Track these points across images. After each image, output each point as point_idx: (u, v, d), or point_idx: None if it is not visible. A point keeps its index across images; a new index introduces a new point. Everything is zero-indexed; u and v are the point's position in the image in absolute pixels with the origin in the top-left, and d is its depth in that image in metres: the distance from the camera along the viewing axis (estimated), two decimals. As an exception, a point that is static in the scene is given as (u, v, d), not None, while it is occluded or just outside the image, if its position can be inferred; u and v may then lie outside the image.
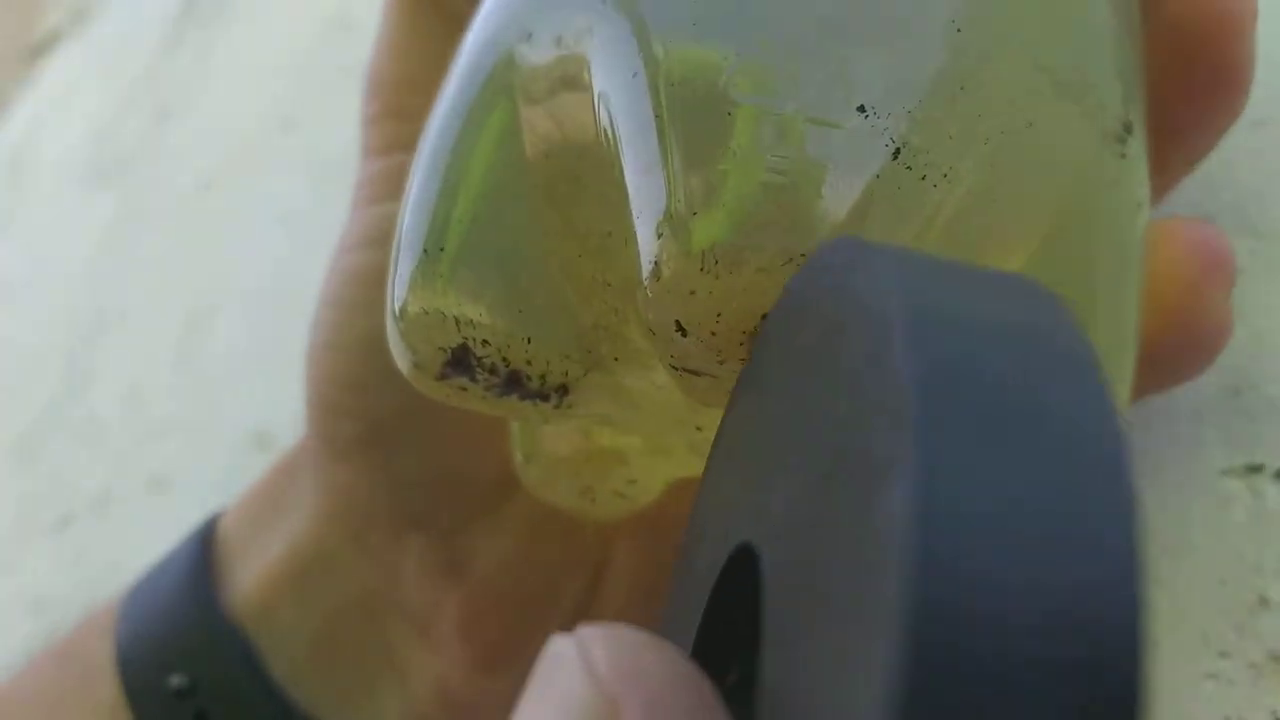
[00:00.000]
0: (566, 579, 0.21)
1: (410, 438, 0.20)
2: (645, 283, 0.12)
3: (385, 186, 0.20)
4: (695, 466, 0.17)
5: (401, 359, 0.15)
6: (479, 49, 0.15)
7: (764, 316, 0.12)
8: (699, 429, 0.15)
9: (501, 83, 0.14)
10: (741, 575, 0.11)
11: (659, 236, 0.12)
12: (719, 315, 0.12)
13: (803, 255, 0.12)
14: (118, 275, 0.52)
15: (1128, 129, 0.14)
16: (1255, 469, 0.18)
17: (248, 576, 0.22)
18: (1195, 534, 0.18)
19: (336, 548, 0.21)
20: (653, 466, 0.17)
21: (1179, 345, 0.15)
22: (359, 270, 0.20)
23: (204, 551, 0.23)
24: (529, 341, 0.14)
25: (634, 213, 0.12)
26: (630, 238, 0.12)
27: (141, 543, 0.32)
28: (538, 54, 0.14)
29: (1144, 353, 0.15)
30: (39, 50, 0.77)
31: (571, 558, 0.21)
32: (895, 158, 0.12)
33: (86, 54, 0.73)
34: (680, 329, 0.12)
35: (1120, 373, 0.14)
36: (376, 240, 0.20)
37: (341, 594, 0.22)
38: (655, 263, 0.12)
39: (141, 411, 0.44)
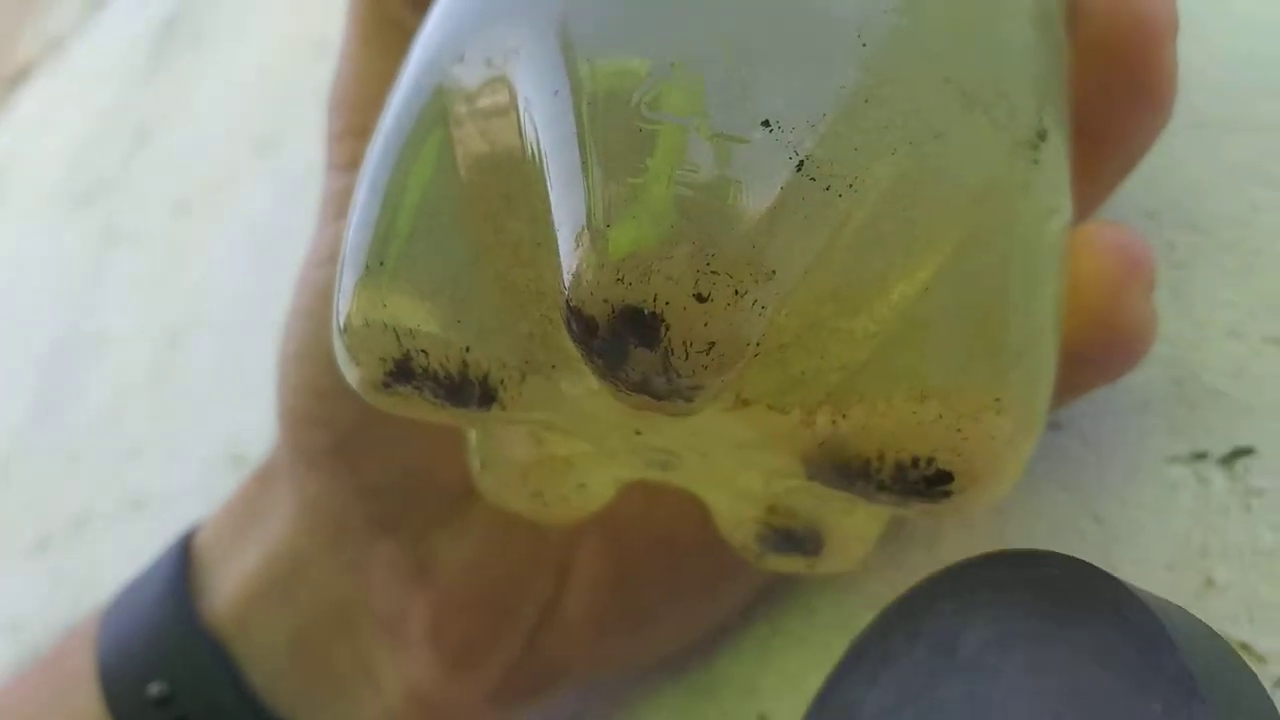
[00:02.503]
0: (532, 580, 0.21)
1: (377, 445, 0.21)
2: (565, 291, 0.13)
3: (347, 202, 0.20)
4: (641, 470, 0.17)
5: (348, 371, 0.15)
6: (418, 70, 0.15)
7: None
8: (638, 432, 0.16)
9: (439, 104, 0.15)
10: None
11: (577, 246, 0.12)
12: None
13: (709, 264, 0.12)
14: (96, 297, 0.53)
15: (1041, 136, 0.15)
16: (1200, 456, 0.19)
17: (225, 586, 0.22)
18: (1144, 520, 0.19)
19: (311, 556, 0.22)
20: (600, 470, 0.17)
21: (1105, 345, 0.16)
22: (326, 284, 0.20)
23: (182, 562, 0.23)
24: (468, 350, 0.14)
25: (556, 224, 0.13)
26: (556, 249, 0.13)
27: (119, 562, 0.33)
28: (469, 74, 0.15)
29: (1072, 354, 0.16)
30: (16, 79, 0.78)
31: (536, 559, 0.21)
32: (799, 170, 0.12)
33: (63, 82, 0.73)
34: (596, 334, 0.13)
35: (1037, 373, 0.15)
36: (339, 256, 0.20)
37: (316, 601, 0.22)
38: (574, 272, 0.12)
39: (118, 431, 0.44)
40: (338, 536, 0.21)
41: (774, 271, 0.12)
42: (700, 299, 0.12)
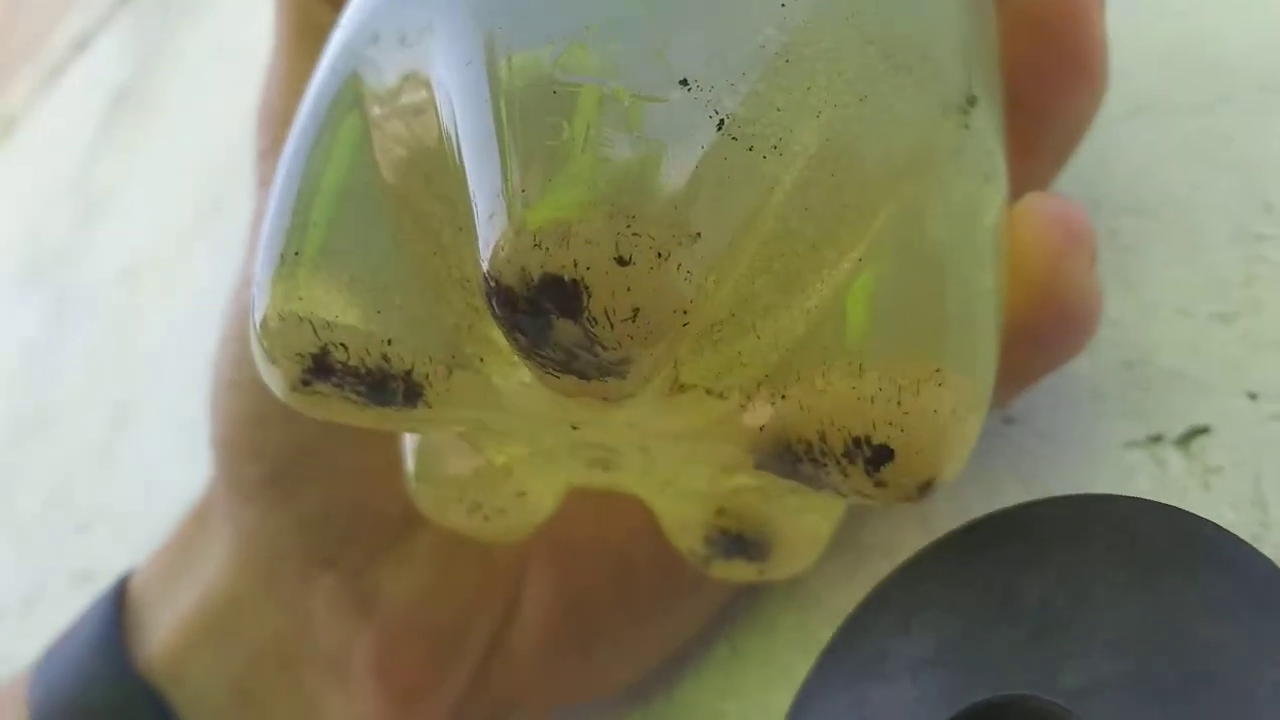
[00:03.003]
0: (479, 609, 0.20)
1: (314, 473, 0.20)
2: (483, 264, 0.12)
3: None
4: (583, 473, 0.16)
5: (266, 371, 0.15)
6: (333, 55, 0.15)
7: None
8: (574, 428, 0.15)
9: (354, 89, 0.14)
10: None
11: (492, 216, 0.12)
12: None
13: (629, 226, 0.12)
14: (46, 374, 0.52)
15: (971, 101, 0.14)
16: (1156, 439, 0.18)
17: (160, 630, 0.21)
18: (1104, 508, 0.18)
19: (248, 594, 0.21)
20: (540, 476, 0.17)
21: (1050, 319, 0.15)
22: None
23: (116, 609, 0.22)
24: (389, 343, 0.14)
25: (472, 196, 0.12)
26: (474, 229, 0.12)
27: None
28: (384, 55, 0.14)
29: (1019, 330, 0.15)
30: (-32, 162, 0.77)
31: (484, 587, 0.20)
32: (720, 129, 0.12)
33: (14, 157, 0.73)
34: (517, 309, 0.12)
35: (979, 344, 0.14)
36: None
37: (255, 642, 0.21)
38: (490, 243, 0.12)
39: (67, 507, 0.43)
40: (275, 572, 0.21)
41: (698, 234, 0.12)
42: (621, 262, 0.11)
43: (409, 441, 0.18)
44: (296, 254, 0.14)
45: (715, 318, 0.13)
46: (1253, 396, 0.17)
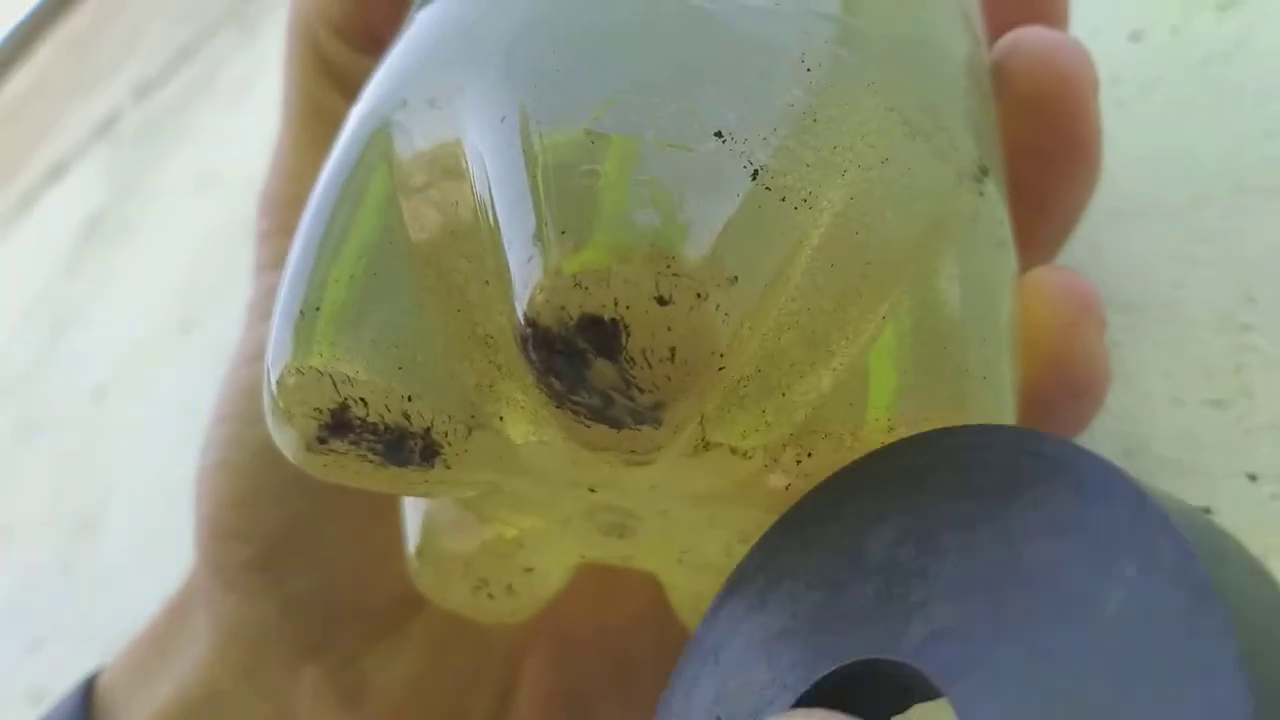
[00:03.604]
0: (472, 700, 0.19)
1: (303, 557, 0.19)
2: (519, 307, 0.12)
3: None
4: (595, 543, 0.16)
5: (279, 428, 0.14)
6: (358, 121, 0.15)
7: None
8: (592, 490, 0.15)
9: (379, 150, 0.15)
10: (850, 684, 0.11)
11: (529, 260, 0.12)
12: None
13: (669, 266, 0.12)
14: (5, 492, 0.50)
15: (983, 171, 0.15)
16: (1158, 522, 0.18)
17: (131, 731, 0.20)
18: (1110, 593, 0.18)
19: (228, 687, 0.20)
20: (551, 548, 0.16)
21: (1064, 386, 0.16)
22: (250, 383, 0.20)
23: (83, 708, 0.21)
24: (409, 400, 0.14)
25: (506, 243, 0.13)
26: (506, 279, 0.12)
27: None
28: (412, 118, 0.15)
29: (1031, 398, 0.16)
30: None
31: (478, 677, 0.19)
32: (754, 179, 0.12)
33: (-16, 286, 0.72)
34: (553, 350, 0.12)
35: (1000, 399, 0.14)
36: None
37: (234, 739, 0.20)
38: (529, 284, 0.12)
39: (18, 626, 0.42)
40: (258, 663, 0.20)
41: (735, 278, 0.12)
42: (661, 302, 0.12)
43: (411, 518, 0.17)
44: (317, 309, 0.14)
45: (743, 373, 0.13)
46: (1252, 478, 0.18)
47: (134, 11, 0.82)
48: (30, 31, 0.97)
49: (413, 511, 0.17)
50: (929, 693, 0.11)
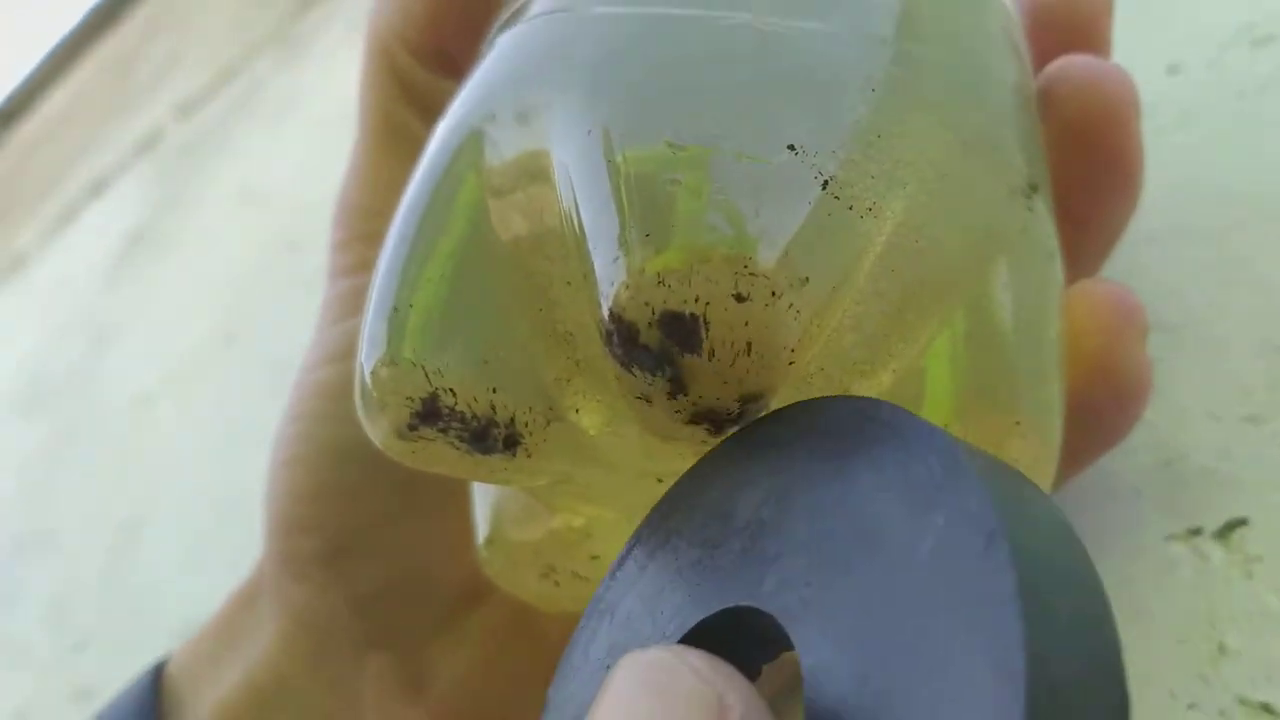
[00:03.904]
0: (533, 689, 0.20)
1: (371, 549, 0.20)
2: (605, 304, 0.13)
3: (352, 304, 0.21)
4: None
5: (370, 416, 0.15)
6: (449, 130, 0.16)
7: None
8: (660, 480, 0.16)
9: (468, 159, 0.16)
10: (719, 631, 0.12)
11: (615, 260, 0.13)
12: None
13: (747, 266, 0.13)
14: (48, 496, 0.51)
15: (1033, 188, 0.16)
16: (1195, 531, 0.19)
17: (201, 714, 0.21)
18: (1149, 599, 0.19)
19: (295, 676, 0.21)
20: (617, 535, 0.17)
21: (1108, 392, 0.17)
22: (325, 384, 0.20)
23: (152, 694, 0.22)
24: (494, 391, 0.15)
25: (591, 245, 0.13)
26: (589, 279, 0.13)
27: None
28: (501, 130, 0.16)
29: (1077, 404, 0.16)
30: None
31: (537, 667, 0.20)
32: (824, 189, 0.13)
33: (23, 298, 0.74)
34: (636, 343, 0.13)
35: (1051, 400, 0.15)
36: (342, 355, 0.20)
37: (300, 725, 0.21)
38: (615, 282, 0.13)
39: (65, 626, 0.43)
40: (325, 652, 0.21)
41: (806, 279, 0.13)
42: (739, 299, 0.13)
43: (480, 509, 0.18)
44: (410, 306, 0.15)
45: (807, 371, 0.14)
46: (1287, 490, 0.18)
47: (177, 31, 0.84)
48: (72, 49, 0.99)
49: (481, 502, 0.18)
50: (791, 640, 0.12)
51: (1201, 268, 0.22)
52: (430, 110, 0.20)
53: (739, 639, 0.12)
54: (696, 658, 0.10)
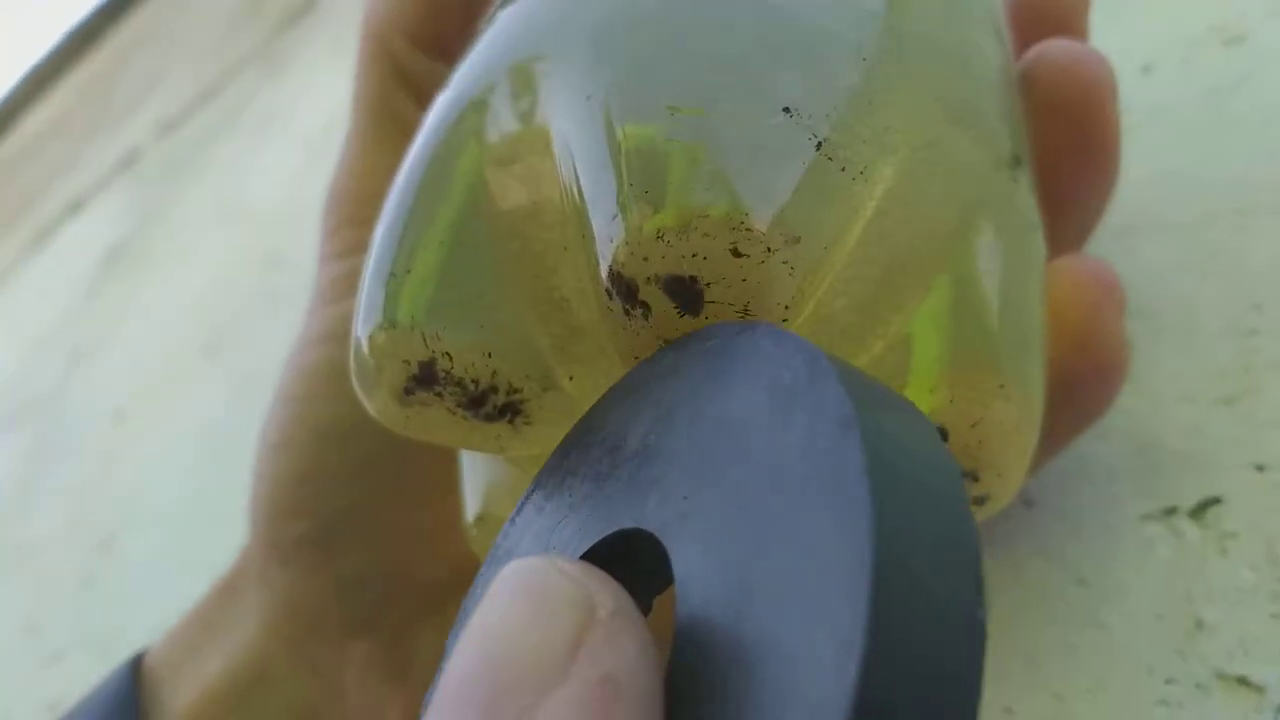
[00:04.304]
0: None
1: (356, 534, 0.20)
2: (604, 261, 0.13)
3: (344, 286, 0.21)
4: None
5: (366, 381, 0.15)
6: (449, 100, 0.16)
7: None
8: None
9: (468, 127, 0.16)
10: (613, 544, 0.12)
11: (614, 218, 0.13)
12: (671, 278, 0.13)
13: (743, 222, 0.13)
14: (23, 509, 0.51)
15: (1017, 160, 0.16)
16: (1171, 511, 0.19)
17: (181, 702, 0.21)
18: (1127, 577, 0.19)
19: (278, 661, 0.21)
20: None
21: (1088, 364, 0.17)
22: (316, 364, 0.20)
23: (131, 683, 0.22)
24: (490, 356, 0.15)
25: (590, 206, 0.14)
26: (586, 242, 0.14)
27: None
28: (499, 98, 0.16)
29: (1058, 378, 0.17)
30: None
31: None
32: (818, 149, 0.14)
33: (1, 315, 0.73)
34: (635, 300, 0.13)
35: (1034, 366, 0.15)
36: (334, 336, 0.20)
37: (284, 711, 0.21)
38: (615, 238, 0.13)
39: (40, 639, 0.42)
40: (309, 637, 0.21)
41: (799, 237, 0.13)
42: (736, 254, 0.13)
43: (470, 487, 0.18)
44: (408, 271, 0.15)
45: (800, 334, 0.14)
46: (1260, 468, 0.19)
47: (157, 51, 0.84)
48: (51, 70, 0.99)
49: (471, 479, 0.18)
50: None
51: (1175, 257, 0.22)
52: (425, 96, 0.20)
53: (634, 568, 0.12)
54: (567, 563, 0.11)
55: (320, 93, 0.59)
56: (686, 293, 0.13)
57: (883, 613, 0.08)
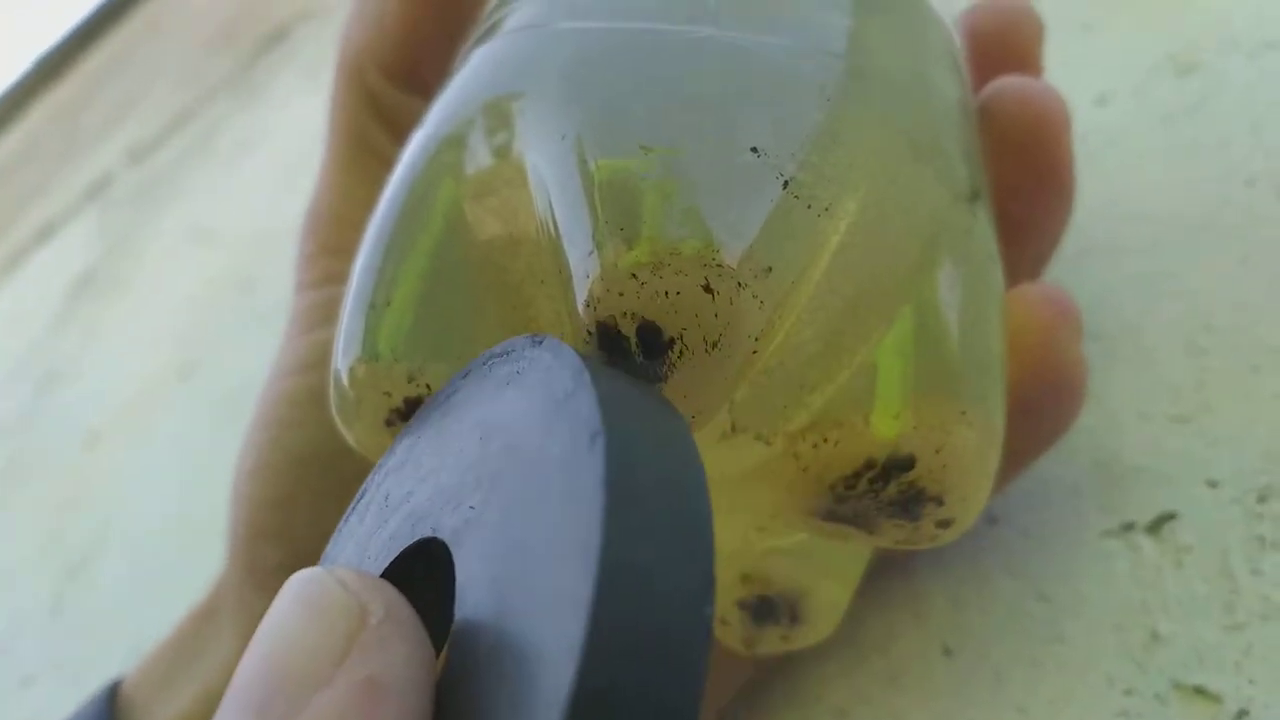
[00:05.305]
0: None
1: None
2: (579, 296, 0.14)
3: (320, 315, 0.21)
4: None
5: (346, 413, 0.16)
6: (426, 136, 0.17)
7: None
8: None
9: (444, 162, 0.16)
10: (417, 554, 0.13)
11: (589, 254, 0.14)
12: (643, 315, 0.14)
13: (715, 259, 0.13)
14: (-6, 536, 0.51)
15: (976, 194, 0.17)
16: (1129, 526, 0.20)
17: (158, 727, 0.21)
18: (1087, 590, 0.20)
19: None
20: None
21: (1047, 386, 0.17)
22: (293, 392, 0.21)
23: (108, 709, 0.22)
24: None
25: (566, 243, 0.14)
26: (561, 276, 0.14)
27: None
28: (477, 135, 0.16)
29: (1017, 401, 0.17)
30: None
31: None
32: (785, 188, 0.14)
33: (-33, 340, 0.73)
34: (610, 335, 0.14)
35: (995, 391, 0.16)
36: (310, 365, 0.21)
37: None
38: (588, 276, 0.14)
39: (13, 662, 0.42)
40: (290, 661, 0.21)
41: (770, 269, 0.14)
42: (708, 290, 0.13)
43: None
44: (388, 304, 0.15)
45: (768, 364, 0.15)
46: (1212, 484, 0.19)
47: (129, 78, 0.84)
48: (20, 97, 0.99)
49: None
50: None
51: (1131, 280, 0.23)
52: (399, 128, 0.21)
53: (441, 575, 0.13)
54: (345, 573, 0.11)
55: (293, 120, 0.59)
56: (653, 328, 0.13)
57: (605, 613, 0.09)
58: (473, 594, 0.11)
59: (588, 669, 0.09)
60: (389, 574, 0.13)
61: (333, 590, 0.11)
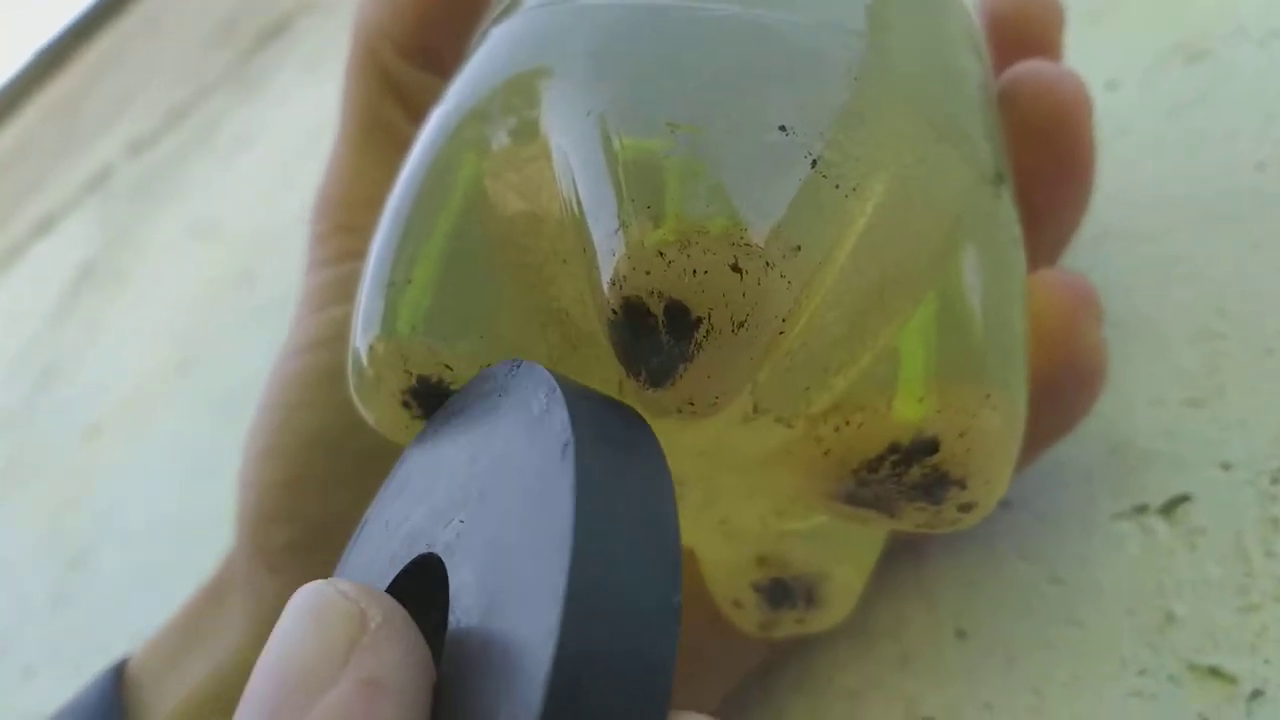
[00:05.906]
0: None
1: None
2: (605, 275, 0.13)
3: (332, 293, 0.21)
4: None
5: (365, 391, 0.16)
6: (446, 113, 0.17)
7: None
8: None
9: (466, 139, 0.16)
10: (417, 572, 0.14)
11: (615, 232, 0.14)
12: (670, 294, 0.13)
13: (742, 238, 0.13)
14: (-6, 529, 0.50)
15: (1000, 177, 0.17)
16: (1141, 509, 0.20)
17: (165, 709, 0.21)
18: (1100, 573, 0.20)
19: (265, 667, 0.21)
20: None
21: (1068, 371, 0.17)
22: (303, 371, 0.21)
23: (114, 690, 0.22)
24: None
25: (590, 223, 0.14)
26: (586, 255, 0.14)
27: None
28: (499, 112, 0.16)
29: (1038, 385, 0.17)
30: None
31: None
32: (813, 167, 0.14)
33: (-34, 334, 0.73)
34: (637, 313, 0.14)
35: (1018, 376, 0.16)
36: (322, 342, 0.21)
37: (270, 716, 0.21)
38: (614, 254, 0.13)
39: (13, 654, 0.42)
40: (298, 643, 0.21)
41: (798, 248, 0.13)
42: (735, 269, 0.13)
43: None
44: (408, 281, 0.15)
45: (792, 346, 0.15)
46: (1226, 467, 0.19)
47: (128, 71, 0.84)
48: (20, 91, 0.99)
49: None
50: None
51: (1143, 266, 0.23)
52: (414, 107, 0.21)
53: (440, 588, 0.13)
54: (345, 584, 0.12)
55: (293, 113, 0.59)
56: (680, 306, 0.13)
57: (577, 599, 0.10)
58: (464, 599, 0.12)
59: (564, 648, 0.10)
60: (391, 591, 0.13)
61: (334, 599, 0.12)
